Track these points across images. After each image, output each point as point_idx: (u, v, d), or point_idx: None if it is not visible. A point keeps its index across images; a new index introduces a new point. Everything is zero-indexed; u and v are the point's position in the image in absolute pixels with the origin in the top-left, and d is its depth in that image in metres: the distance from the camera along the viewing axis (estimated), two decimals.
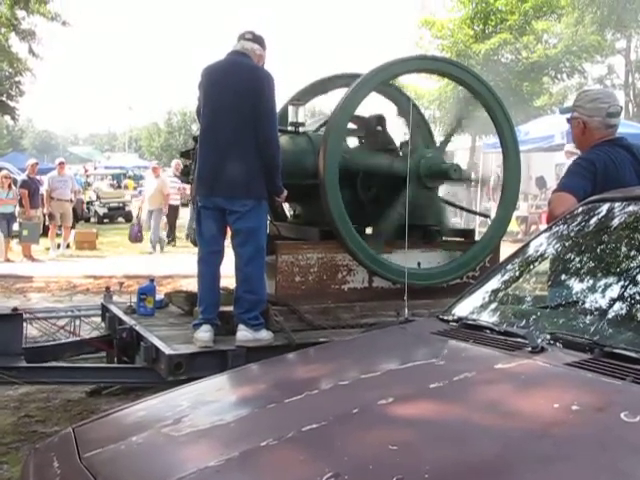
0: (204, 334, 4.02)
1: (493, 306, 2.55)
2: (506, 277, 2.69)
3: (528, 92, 20.54)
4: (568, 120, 3.53)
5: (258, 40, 4.23)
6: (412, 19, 22.51)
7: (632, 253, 2.44)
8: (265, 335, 4.08)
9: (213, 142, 4.08)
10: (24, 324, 4.81)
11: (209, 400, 2.14)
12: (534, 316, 2.38)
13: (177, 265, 10.63)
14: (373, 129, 5.01)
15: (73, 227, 14.87)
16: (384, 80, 4.89)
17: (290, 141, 4.67)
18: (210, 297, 4.15)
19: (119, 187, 28.54)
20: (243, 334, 4.03)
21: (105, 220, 21.94)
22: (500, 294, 2.63)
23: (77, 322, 6.17)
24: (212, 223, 4.12)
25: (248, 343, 4.01)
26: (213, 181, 4.05)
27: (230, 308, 4.18)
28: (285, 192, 4.27)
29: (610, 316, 2.12)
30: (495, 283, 2.66)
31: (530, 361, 1.89)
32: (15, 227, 13.52)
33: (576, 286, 2.47)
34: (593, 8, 22.33)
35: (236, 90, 4.03)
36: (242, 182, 4.00)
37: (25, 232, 13.02)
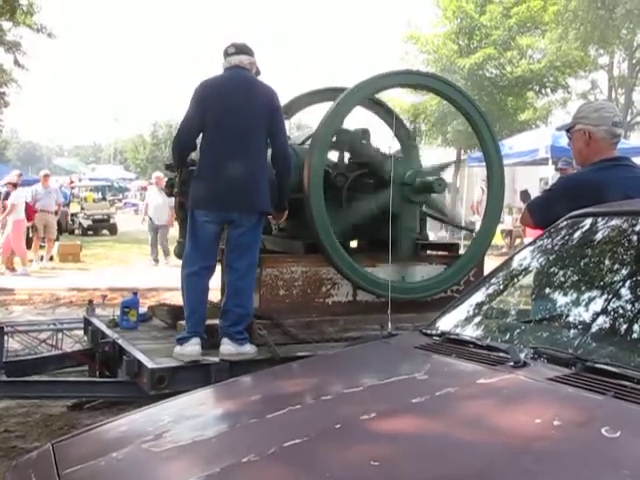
0: (194, 347, 3.96)
1: (477, 320, 2.55)
2: (490, 291, 2.70)
3: (512, 106, 20.76)
4: (568, 136, 3.39)
5: (243, 50, 4.20)
6: (398, 35, 22.69)
7: (614, 268, 2.45)
8: (249, 349, 4.06)
9: (221, 156, 4.02)
10: (5, 337, 4.77)
11: (191, 415, 2.12)
12: (517, 330, 2.39)
13: (161, 278, 10.57)
14: (358, 143, 5.02)
15: (57, 239, 14.73)
16: (369, 94, 4.91)
17: None
18: (200, 311, 4.12)
19: (104, 199, 28.38)
20: (227, 348, 4.00)
21: (89, 232, 21.80)
22: (484, 308, 2.63)
23: (59, 335, 6.11)
24: (211, 238, 4.08)
25: (232, 357, 3.98)
26: (222, 196, 4.00)
27: (214, 321, 4.15)
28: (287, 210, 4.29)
29: (592, 331, 2.13)
30: (479, 297, 2.66)
31: (512, 376, 1.89)
32: None
33: (559, 300, 2.48)
34: (576, 24, 22.67)
35: (248, 106, 4.03)
36: (251, 197, 4.01)
37: None
